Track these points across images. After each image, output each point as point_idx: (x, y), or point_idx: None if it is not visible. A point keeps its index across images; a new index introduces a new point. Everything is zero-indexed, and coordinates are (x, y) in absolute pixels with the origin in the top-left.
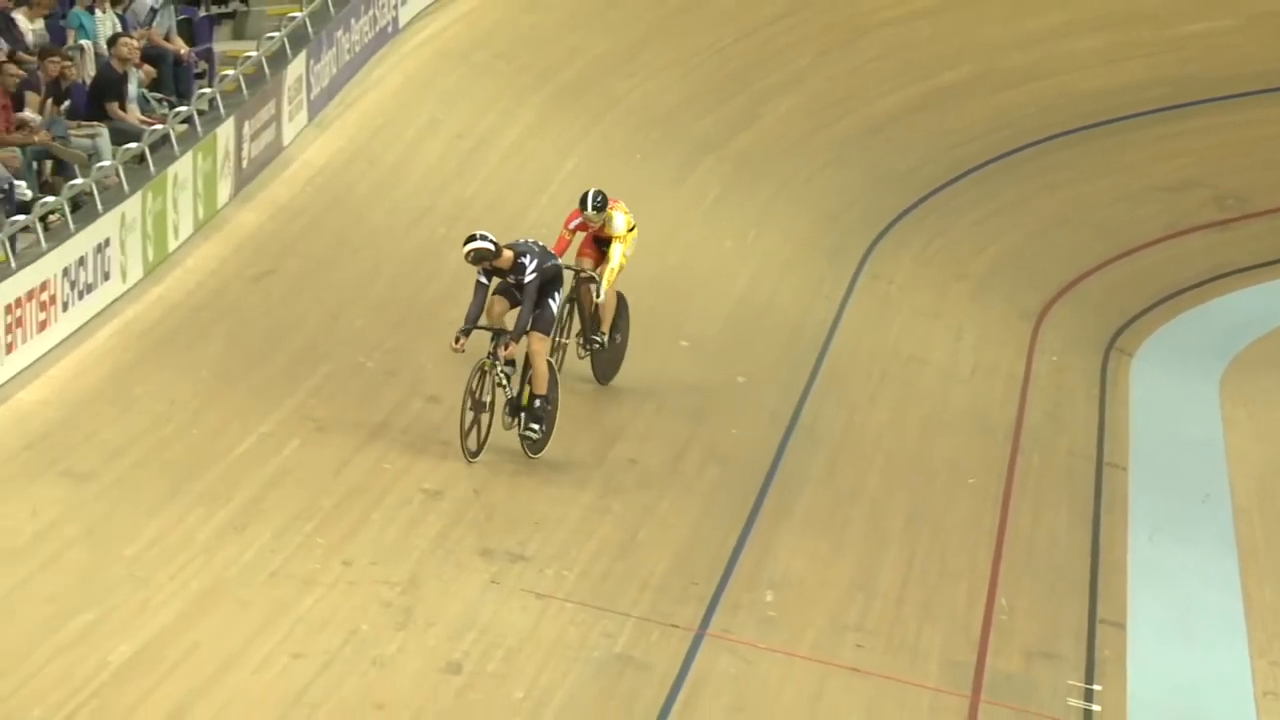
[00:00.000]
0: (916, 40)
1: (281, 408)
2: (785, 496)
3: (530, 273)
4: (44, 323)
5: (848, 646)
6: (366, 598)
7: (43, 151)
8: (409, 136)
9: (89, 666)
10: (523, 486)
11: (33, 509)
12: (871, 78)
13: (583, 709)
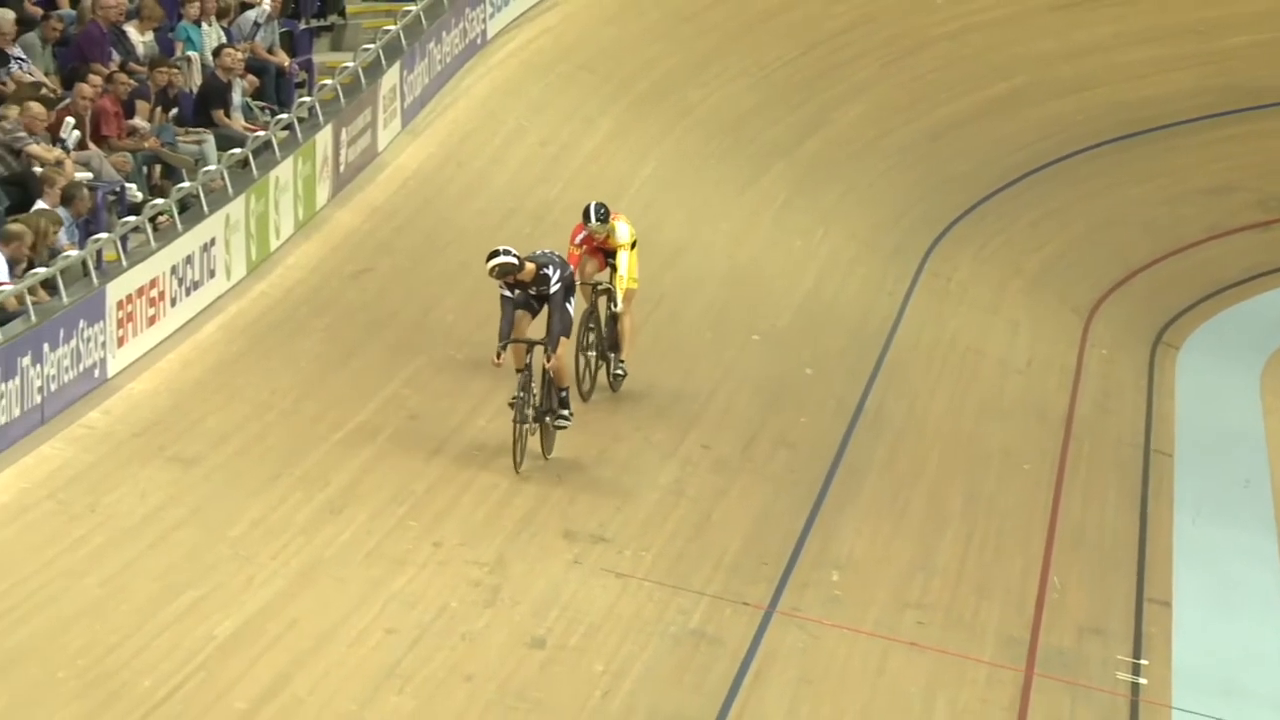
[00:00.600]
0: (973, 52)
1: (376, 397)
2: (850, 481)
3: (555, 283)
4: (153, 317)
5: (908, 623)
6: (456, 576)
7: (152, 156)
8: (496, 142)
9: (195, 640)
10: (603, 472)
11: (143, 492)
12: (931, 88)
13: (659, 681)
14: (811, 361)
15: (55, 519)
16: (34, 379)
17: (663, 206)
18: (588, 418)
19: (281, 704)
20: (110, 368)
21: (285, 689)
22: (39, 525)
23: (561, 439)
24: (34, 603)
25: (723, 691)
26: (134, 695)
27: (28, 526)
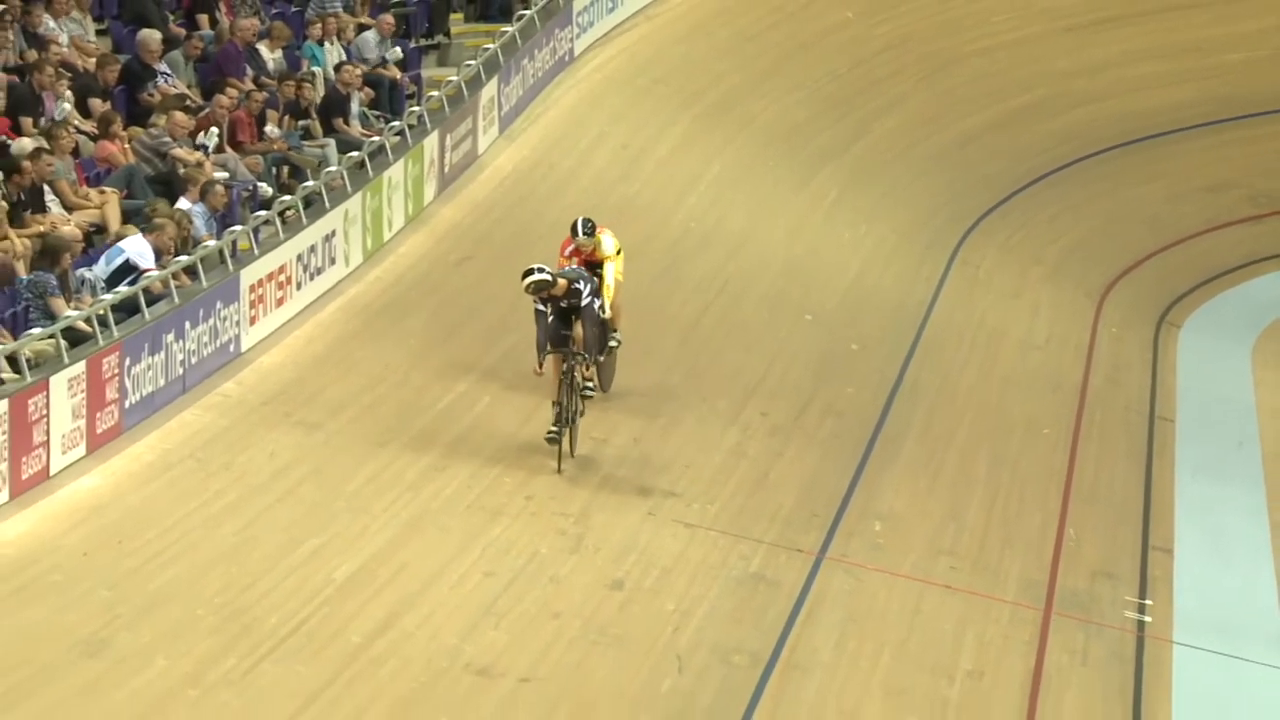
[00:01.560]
0: (998, 69)
1: (476, 370)
2: (890, 444)
3: (586, 296)
4: (281, 299)
5: (941, 568)
6: (545, 526)
7: (281, 158)
8: (582, 147)
9: (316, 582)
10: (674, 435)
11: (271, 452)
12: (961, 100)
13: (723, 618)
14: (857, 339)
15: (194, 476)
16: (177, 353)
17: (727, 204)
18: (659, 391)
19: (392, 638)
20: (243, 343)
21: (395, 625)
22: (180, 481)
23: (638, 405)
24: (177, 549)
25: (778, 628)
26: (263, 630)
27: (170, 483)
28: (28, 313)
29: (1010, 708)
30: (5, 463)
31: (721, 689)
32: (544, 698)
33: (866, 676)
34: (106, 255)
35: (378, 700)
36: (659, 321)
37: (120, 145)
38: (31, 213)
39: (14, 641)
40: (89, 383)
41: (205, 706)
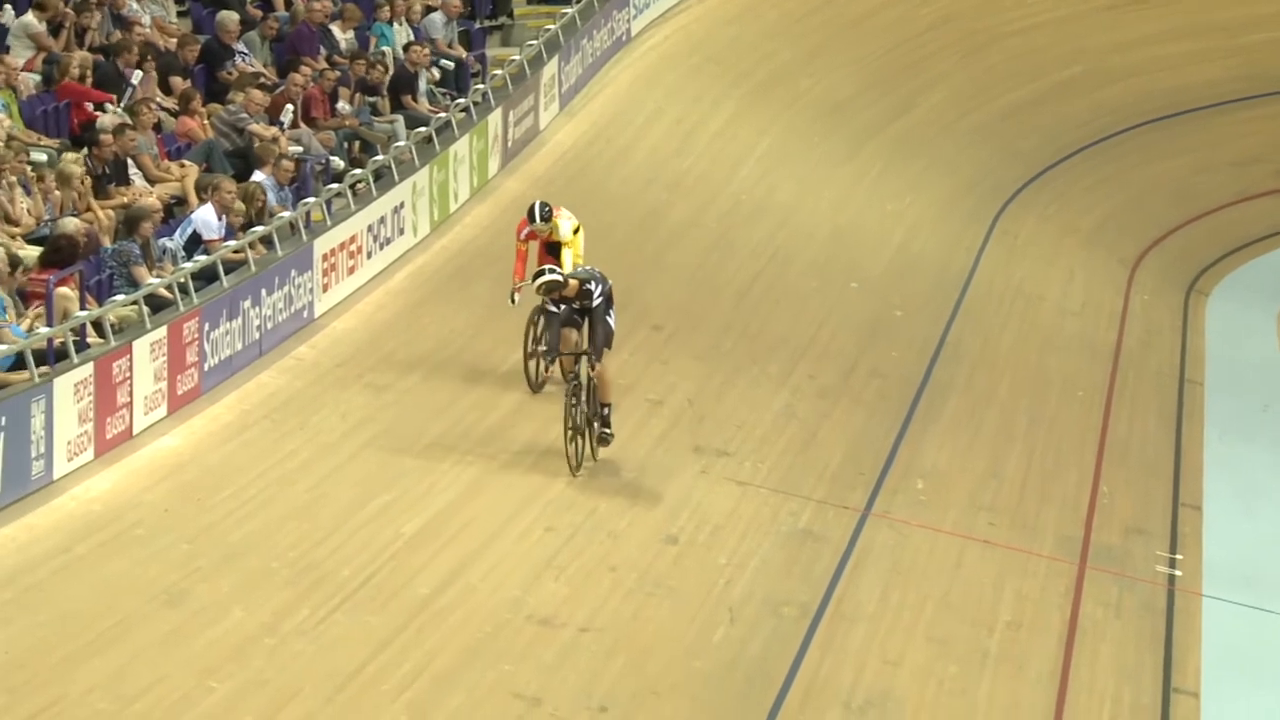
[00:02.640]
0: (1037, 46)
1: None
2: (933, 405)
3: (598, 297)
4: (352, 267)
5: (981, 524)
6: (603, 484)
7: (352, 134)
8: (638, 122)
9: (386, 537)
10: (727, 397)
11: (343, 413)
12: (1001, 76)
13: (772, 571)
14: (901, 305)
15: (270, 436)
16: (253, 319)
17: (776, 176)
18: (712, 355)
19: (458, 590)
20: (317, 309)
21: (461, 578)
22: (257, 441)
23: (692, 368)
24: (253, 505)
25: (826, 580)
26: (335, 583)
27: (247, 442)
28: (112, 280)
29: (1046, 658)
30: (91, 423)
31: (771, 639)
32: (602, 647)
33: (910, 627)
34: (181, 226)
35: (444, 649)
36: (712, 288)
37: (199, 121)
38: (115, 185)
39: (99, 592)
40: (170, 347)
41: (280, 655)
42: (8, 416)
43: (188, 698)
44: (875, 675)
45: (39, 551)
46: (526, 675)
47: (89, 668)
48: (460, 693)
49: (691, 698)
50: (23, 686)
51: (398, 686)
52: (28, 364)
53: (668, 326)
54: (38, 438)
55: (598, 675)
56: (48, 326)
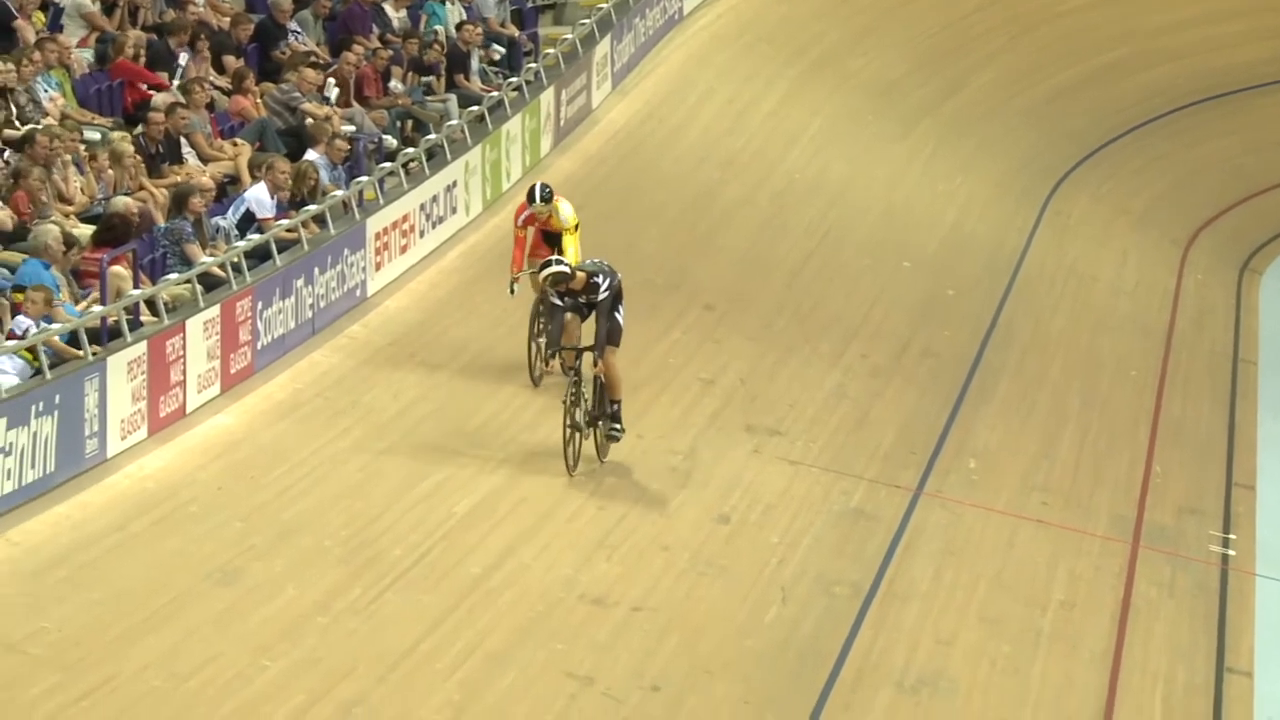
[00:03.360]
0: (1087, 26)
1: None
2: (985, 385)
3: (604, 291)
4: (405, 246)
5: (1034, 503)
6: (656, 463)
7: (405, 113)
8: (690, 101)
9: (438, 515)
10: (779, 376)
11: (395, 392)
12: (1052, 56)
13: (825, 551)
14: (953, 285)
15: (323, 414)
16: (306, 297)
17: (828, 156)
18: (765, 334)
19: (510, 569)
20: (369, 288)
21: (513, 557)
22: (310, 419)
23: (744, 347)
24: (306, 484)
25: (878, 560)
26: (387, 561)
27: (300, 420)
28: (165, 259)
29: (1100, 637)
30: (145, 401)
31: (823, 618)
32: (654, 626)
33: (963, 606)
34: (234, 205)
35: (496, 628)
36: (765, 268)
37: (252, 100)
38: (169, 164)
39: (152, 570)
40: (223, 325)
41: (333, 633)
42: (62, 395)
43: (241, 675)
44: (928, 655)
45: (93, 529)
46: (579, 654)
47: (143, 646)
48: (512, 671)
49: (744, 677)
50: (77, 664)
51: (450, 665)
52: (81, 342)
53: (720, 306)
54: (91, 416)
55: (650, 654)
56: (101, 305)
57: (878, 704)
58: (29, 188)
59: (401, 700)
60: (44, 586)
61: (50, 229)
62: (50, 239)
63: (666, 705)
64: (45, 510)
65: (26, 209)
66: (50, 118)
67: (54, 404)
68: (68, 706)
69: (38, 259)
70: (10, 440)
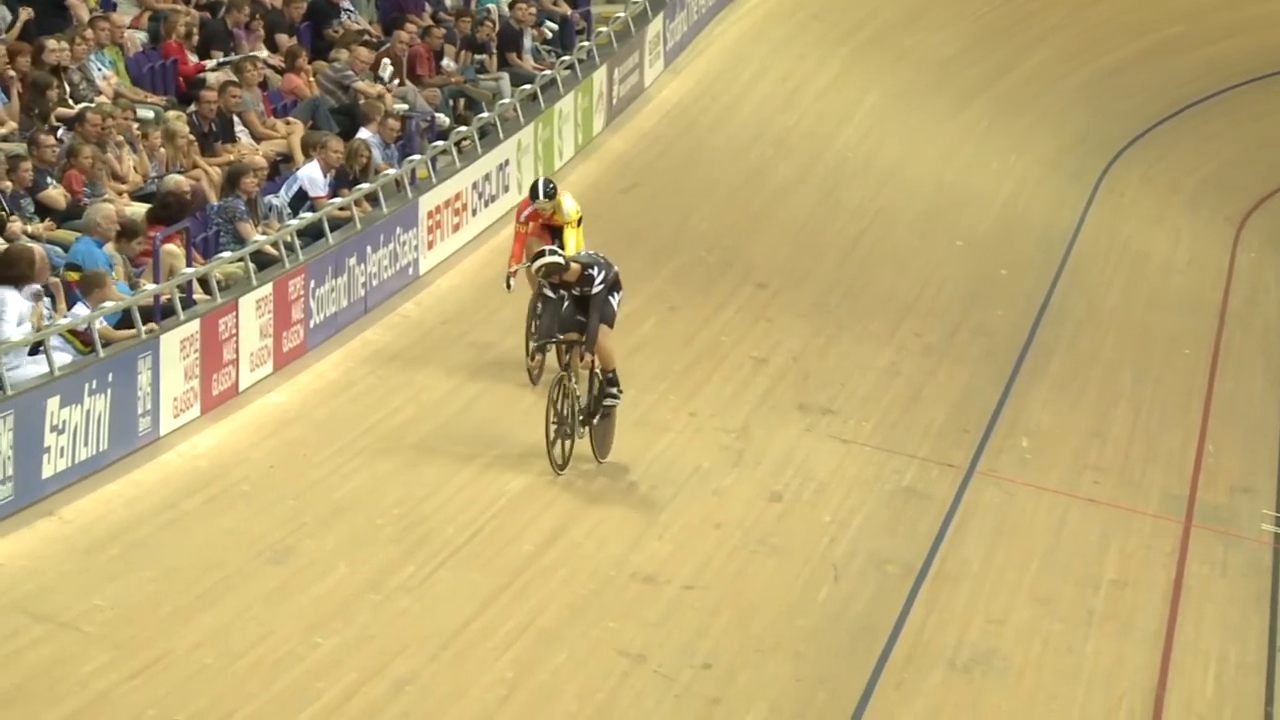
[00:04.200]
0: (1143, 2)
1: (642, 292)
2: (1038, 363)
3: (599, 284)
4: (457, 225)
5: (1086, 482)
6: (708, 441)
7: (458, 91)
8: (744, 79)
9: (490, 495)
10: (831, 354)
11: (447, 370)
12: (1107, 33)
13: (876, 530)
14: (1006, 263)
15: (375, 392)
16: (359, 276)
17: (881, 133)
18: (817, 312)
19: (561, 548)
20: (421, 266)
21: (564, 535)
22: (362, 397)
23: (796, 326)
24: (358, 462)
25: (930, 539)
26: (439, 540)
27: (353, 399)
28: (218, 237)
29: (1152, 616)
30: (197, 379)
31: (875, 597)
32: (706, 604)
33: (1014, 586)
34: (287, 183)
35: (549, 606)
36: (817, 245)
37: (305, 78)
38: (222, 143)
39: (205, 548)
40: (276, 303)
41: (385, 611)
42: (115, 373)
43: (293, 653)
44: (980, 633)
45: (145, 507)
46: (630, 632)
47: (195, 623)
48: (564, 650)
49: (795, 655)
50: (129, 642)
51: (502, 643)
52: (134, 321)
53: (772, 284)
54: (144, 394)
55: (702, 632)
56: (154, 283)
57: (929, 683)
58: (82, 166)
59: (453, 678)
60: (97, 564)
61: (103, 208)
62: (103, 217)
63: (718, 683)
64: (98, 488)
65: (80, 188)
66: (104, 96)
67: (107, 382)
68: (120, 684)
69: (91, 237)
70: (64, 418)
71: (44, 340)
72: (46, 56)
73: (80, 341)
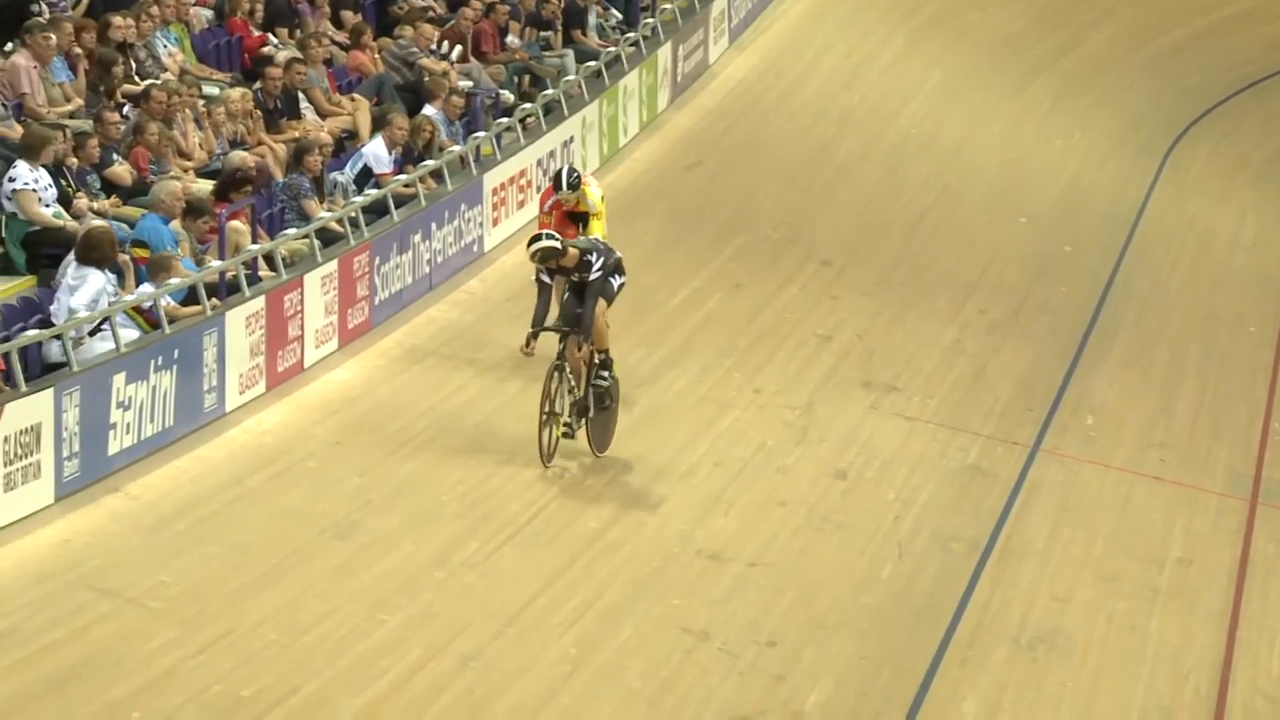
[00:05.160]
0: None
1: (707, 269)
2: (1103, 341)
3: (596, 270)
4: (521, 202)
5: (1151, 460)
6: (772, 419)
7: (522, 68)
8: (808, 56)
9: (553, 472)
10: (895, 332)
11: (511, 347)
12: (1172, 10)
13: (941, 507)
14: (1070, 241)
15: (441, 369)
16: (424, 253)
17: (945, 111)
18: (882, 289)
19: (627, 524)
20: (486, 243)
21: (630, 512)
22: (427, 374)
23: (861, 304)
24: (423, 439)
25: (995, 516)
26: (503, 516)
27: (417, 375)
28: (283, 214)
29: (1217, 594)
30: (263, 356)
31: (940, 574)
32: (771, 581)
33: (1079, 564)
34: (352, 160)
35: (612, 583)
36: (882, 223)
37: (370, 55)
38: (287, 119)
39: (271, 524)
40: (341, 280)
41: (450, 587)
42: (180, 349)
43: (358, 629)
44: (1044, 611)
45: (211, 483)
46: (695, 609)
47: (261, 599)
48: (628, 626)
49: (860, 633)
50: (195, 618)
51: (566, 620)
52: (200, 298)
53: (836, 261)
54: (210, 370)
55: (766, 610)
56: (220, 260)
57: (994, 660)
58: (148, 143)
59: (517, 654)
60: (163, 540)
61: (169, 184)
62: (169, 194)
63: (782, 660)
64: (164, 464)
65: (146, 164)
66: (169, 73)
67: (173, 358)
68: (185, 660)
69: (157, 214)
70: (129, 394)
71: (110, 317)
72: (112, 33)
73: (145, 321)
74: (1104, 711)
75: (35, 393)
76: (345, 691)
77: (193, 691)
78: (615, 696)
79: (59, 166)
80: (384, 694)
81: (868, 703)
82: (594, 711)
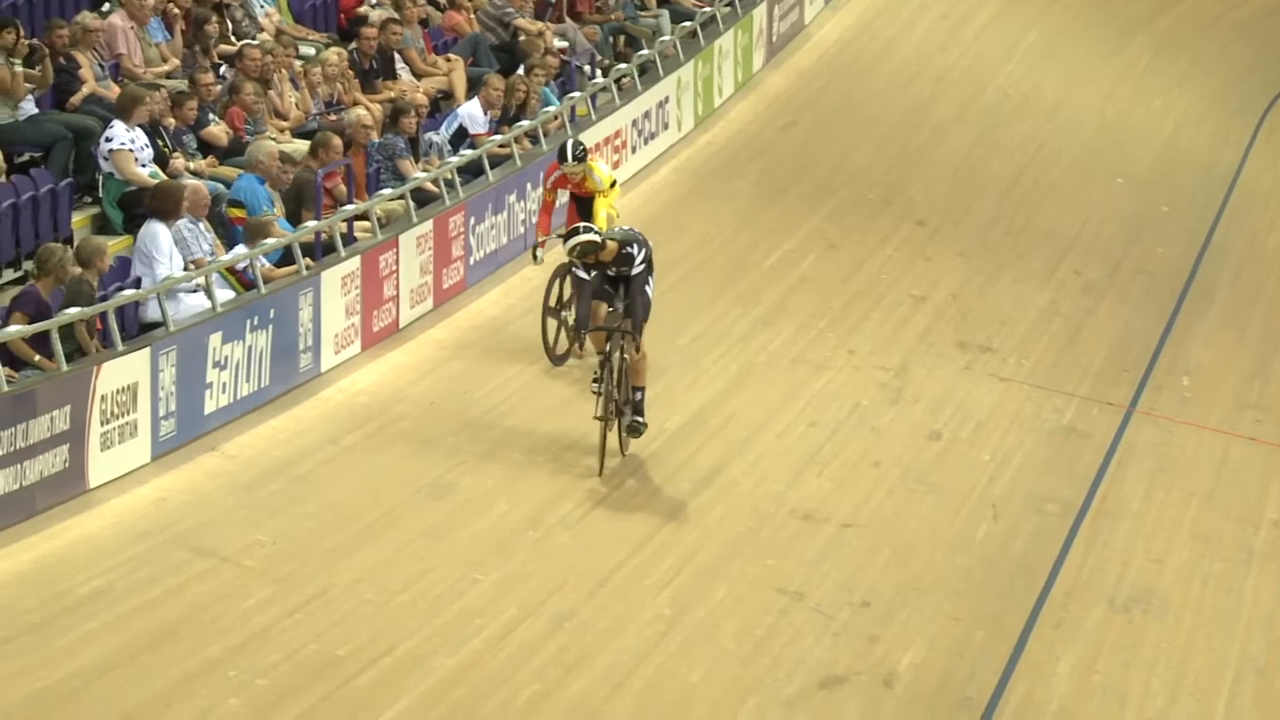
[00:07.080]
0: None
1: (801, 229)
2: (1199, 302)
3: (639, 263)
4: (616, 162)
5: (1247, 421)
6: (866, 379)
7: (618, 28)
8: (904, 15)
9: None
10: (990, 292)
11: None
12: None
13: (1036, 468)
14: (1167, 201)
15: (534, 330)
16: (518, 213)
17: (1042, 71)
18: (977, 249)
19: (720, 485)
20: None
21: (723, 472)
22: (521, 334)
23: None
24: (517, 399)
25: (1089, 478)
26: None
27: (511, 336)
28: (379, 174)
29: None
30: (358, 316)
31: (1034, 536)
32: (865, 542)
33: (1174, 525)
34: (447, 120)
35: (706, 544)
36: (978, 182)
37: (466, 15)
38: (382, 80)
39: (367, 484)
40: (436, 240)
41: (544, 548)
42: (276, 309)
43: (453, 589)
44: (1139, 573)
45: (307, 443)
46: (789, 570)
47: (356, 559)
48: (722, 587)
49: (954, 594)
50: (290, 577)
51: (660, 580)
52: (296, 258)
53: (931, 222)
54: (305, 330)
55: (860, 570)
56: (315, 220)
57: (1089, 622)
58: (244, 103)
59: (612, 614)
60: (258, 499)
61: (265, 144)
62: (265, 154)
63: (876, 621)
64: (260, 424)
65: (242, 124)
66: (265, 33)
67: (269, 318)
68: (281, 619)
69: (252, 174)
70: (226, 354)
71: (206, 276)
72: None
73: (239, 282)
74: (1198, 672)
75: (131, 352)
76: (439, 651)
77: (288, 650)
78: (709, 656)
79: (155, 126)
80: (478, 653)
81: (961, 664)
82: (688, 670)
